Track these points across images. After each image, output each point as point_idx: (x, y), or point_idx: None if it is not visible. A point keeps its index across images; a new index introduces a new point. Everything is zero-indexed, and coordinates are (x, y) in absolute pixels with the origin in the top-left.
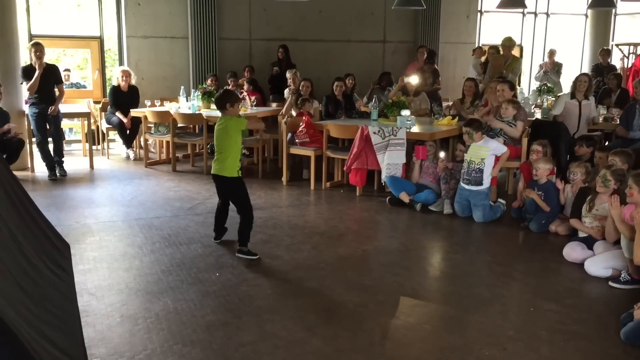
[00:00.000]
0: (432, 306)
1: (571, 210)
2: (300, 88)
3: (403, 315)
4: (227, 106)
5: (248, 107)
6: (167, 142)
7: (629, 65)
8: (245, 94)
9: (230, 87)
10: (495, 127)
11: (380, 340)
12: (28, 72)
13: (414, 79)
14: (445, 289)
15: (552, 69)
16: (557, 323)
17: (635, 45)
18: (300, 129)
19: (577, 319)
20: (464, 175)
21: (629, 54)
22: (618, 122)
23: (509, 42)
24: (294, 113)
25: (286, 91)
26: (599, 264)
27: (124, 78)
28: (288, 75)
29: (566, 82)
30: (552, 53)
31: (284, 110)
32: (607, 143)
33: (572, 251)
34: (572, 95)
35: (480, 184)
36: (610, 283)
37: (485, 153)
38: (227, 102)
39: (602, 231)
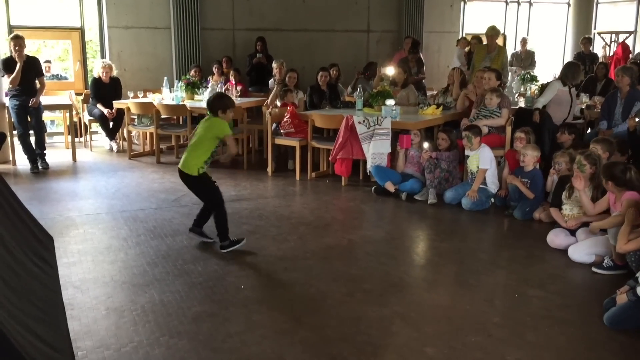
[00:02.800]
0: (418, 294)
1: (552, 199)
2: (287, 79)
3: (390, 303)
4: (219, 113)
5: (233, 97)
6: (151, 134)
7: (611, 54)
8: (233, 83)
9: (215, 76)
10: (483, 127)
11: (367, 329)
12: (8, 64)
13: (390, 70)
14: (431, 277)
15: (525, 58)
16: (541, 309)
17: (617, 33)
18: (285, 119)
19: (561, 305)
20: (468, 181)
21: (611, 42)
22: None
23: (492, 32)
24: (278, 103)
25: (271, 81)
26: (583, 250)
27: (104, 73)
28: (274, 65)
29: (542, 72)
30: (524, 41)
31: (268, 100)
32: (589, 130)
33: (556, 238)
34: (564, 82)
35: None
36: (594, 269)
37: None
38: (219, 109)
39: (578, 219)
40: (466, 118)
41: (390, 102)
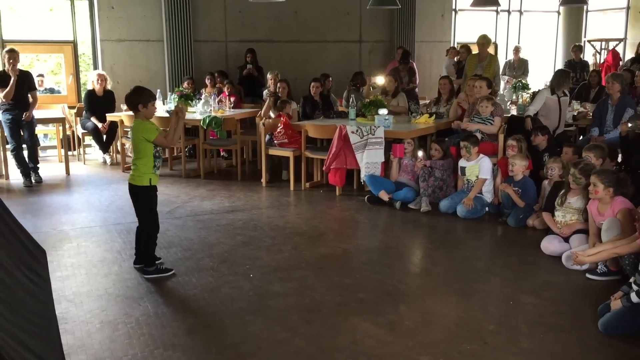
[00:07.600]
0: (413, 303)
1: (544, 204)
2: (277, 90)
3: (384, 312)
4: (140, 107)
5: (226, 109)
6: None
7: (601, 61)
8: (226, 94)
9: (208, 88)
10: (473, 130)
11: (362, 338)
12: (2, 78)
13: (379, 80)
14: (426, 286)
15: (518, 67)
16: (536, 316)
17: (607, 41)
18: (278, 130)
19: (556, 312)
20: (464, 189)
21: (601, 49)
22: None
23: (483, 40)
24: (272, 115)
25: (264, 92)
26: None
27: (99, 81)
28: (269, 76)
29: (535, 80)
30: (517, 50)
31: (262, 112)
32: (580, 138)
33: (550, 244)
34: (552, 91)
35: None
36: (588, 275)
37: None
38: (139, 103)
39: (572, 226)
40: (459, 121)
41: (383, 111)
